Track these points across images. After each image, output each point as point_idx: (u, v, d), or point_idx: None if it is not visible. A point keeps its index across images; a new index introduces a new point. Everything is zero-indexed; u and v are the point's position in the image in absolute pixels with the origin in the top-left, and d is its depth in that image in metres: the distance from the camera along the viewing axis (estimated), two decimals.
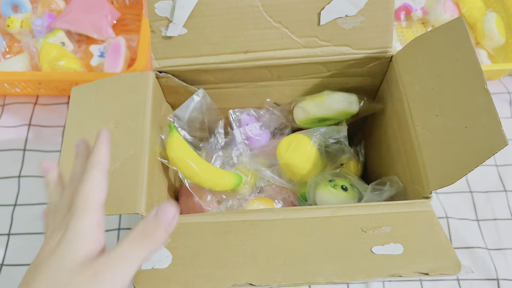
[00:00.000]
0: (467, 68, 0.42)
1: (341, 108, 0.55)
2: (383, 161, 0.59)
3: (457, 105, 0.42)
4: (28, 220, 0.72)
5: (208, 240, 0.41)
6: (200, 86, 0.57)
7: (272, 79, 0.56)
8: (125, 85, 0.51)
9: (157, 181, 0.50)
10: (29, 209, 0.73)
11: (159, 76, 0.53)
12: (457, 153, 0.41)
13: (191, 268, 0.38)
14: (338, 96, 0.55)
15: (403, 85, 0.50)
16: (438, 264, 0.37)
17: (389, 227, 0.41)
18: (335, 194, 0.51)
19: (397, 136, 0.52)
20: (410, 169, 0.48)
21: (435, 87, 0.45)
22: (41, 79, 0.76)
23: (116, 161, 0.47)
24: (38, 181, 0.75)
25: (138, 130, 0.48)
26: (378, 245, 0.39)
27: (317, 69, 0.54)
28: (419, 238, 0.39)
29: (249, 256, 0.39)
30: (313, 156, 0.52)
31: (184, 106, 0.56)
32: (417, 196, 0.46)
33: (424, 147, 0.45)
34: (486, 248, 0.69)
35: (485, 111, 0.39)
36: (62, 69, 0.77)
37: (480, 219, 0.72)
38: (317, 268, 0.38)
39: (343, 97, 0.55)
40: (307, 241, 0.40)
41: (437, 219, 0.41)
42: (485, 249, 0.69)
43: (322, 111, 0.55)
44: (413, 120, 0.47)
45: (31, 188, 0.75)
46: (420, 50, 0.48)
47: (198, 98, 0.56)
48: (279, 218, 0.42)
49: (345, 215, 0.42)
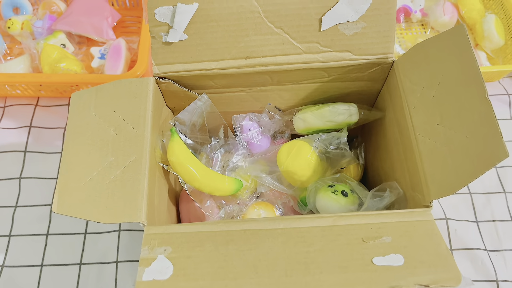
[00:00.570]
0: (468, 77, 0.42)
1: (342, 120, 0.55)
2: (383, 166, 0.59)
3: (458, 115, 0.42)
4: (29, 221, 0.72)
5: (209, 250, 0.41)
6: (201, 91, 0.57)
7: (273, 84, 0.56)
8: (125, 90, 0.51)
9: (157, 186, 0.50)
10: (30, 211, 0.73)
11: (159, 82, 0.53)
12: (458, 163, 0.41)
13: (192, 279, 0.38)
14: (339, 109, 0.55)
15: (404, 92, 0.50)
16: (439, 276, 0.37)
17: (390, 237, 0.41)
18: (335, 200, 0.51)
19: (397, 143, 0.52)
20: (410, 176, 0.48)
21: (436, 95, 0.45)
22: (42, 81, 0.75)
23: (117, 168, 0.47)
24: (38, 182, 0.75)
25: (139, 137, 0.48)
26: (379, 256, 0.39)
27: (317, 74, 0.54)
28: (419, 249, 0.39)
29: (250, 267, 0.39)
30: (313, 163, 0.52)
31: (186, 111, 0.56)
32: (417, 203, 0.46)
33: (425, 155, 0.45)
34: (485, 250, 0.69)
35: (486, 121, 0.39)
36: (63, 71, 0.77)
37: (479, 221, 0.72)
38: (318, 279, 0.38)
39: (344, 109, 0.55)
40: (308, 251, 0.40)
41: (437, 229, 0.41)
42: (485, 250, 0.69)
43: (322, 123, 0.55)
44: (414, 128, 0.47)
45: (31, 189, 0.75)
46: (422, 57, 0.48)
47: (200, 103, 0.56)
48: (280, 228, 0.42)
49: (346, 224, 0.42)
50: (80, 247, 0.69)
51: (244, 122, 0.59)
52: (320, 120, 0.56)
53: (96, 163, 0.47)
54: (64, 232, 0.71)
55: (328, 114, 0.55)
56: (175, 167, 0.52)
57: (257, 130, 0.59)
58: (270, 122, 0.60)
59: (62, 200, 0.45)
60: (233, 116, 0.61)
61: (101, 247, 0.69)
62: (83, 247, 0.69)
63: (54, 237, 0.71)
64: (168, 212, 0.56)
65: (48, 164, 0.77)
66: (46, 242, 0.70)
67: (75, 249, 0.69)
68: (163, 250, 0.41)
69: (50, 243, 0.70)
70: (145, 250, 0.41)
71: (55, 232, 0.71)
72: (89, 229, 0.71)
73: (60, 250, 0.69)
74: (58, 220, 0.72)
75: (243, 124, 0.59)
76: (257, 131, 0.59)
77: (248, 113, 0.60)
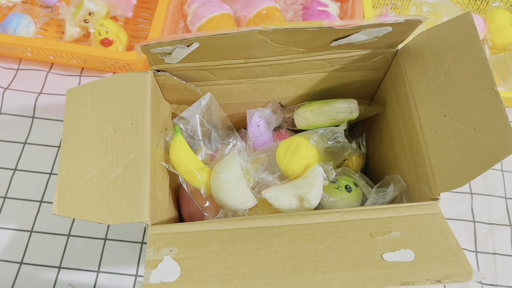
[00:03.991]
0: (476, 67, 0.41)
1: (342, 118, 0.54)
2: (386, 156, 0.58)
3: (466, 106, 0.41)
4: (26, 186, 0.73)
5: (216, 250, 0.40)
6: (200, 83, 0.55)
7: (274, 75, 0.55)
8: (123, 85, 0.49)
9: (159, 183, 0.49)
10: (28, 176, 0.74)
11: (157, 75, 0.52)
12: (466, 155, 0.40)
13: (200, 281, 0.38)
14: (339, 107, 0.54)
15: (409, 82, 0.49)
16: (450, 271, 0.37)
17: (399, 231, 0.40)
18: (339, 196, 0.50)
19: (402, 133, 0.51)
20: (416, 168, 0.48)
21: (442, 85, 0.44)
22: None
23: (117, 167, 0.45)
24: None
25: (138, 133, 0.47)
26: (389, 252, 0.39)
27: (320, 64, 0.53)
28: (429, 243, 0.39)
29: (259, 266, 0.39)
30: (312, 159, 0.51)
31: (190, 110, 0.55)
32: (423, 195, 0.46)
33: (432, 147, 0.44)
34: (479, 282, 0.67)
35: (494, 113, 0.39)
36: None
37: (479, 251, 0.69)
38: (328, 277, 0.37)
39: (344, 107, 0.54)
40: (316, 249, 0.40)
41: (446, 222, 0.41)
42: (479, 283, 0.67)
43: (323, 121, 0.55)
44: (420, 119, 0.47)
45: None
46: (427, 46, 0.47)
47: (205, 102, 0.55)
48: (287, 224, 0.42)
49: (354, 220, 0.42)
50: (70, 219, 0.70)
51: (253, 118, 0.58)
52: (320, 118, 0.55)
53: (96, 162, 0.46)
54: None
55: (329, 113, 0.54)
56: (176, 166, 0.51)
57: (265, 126, 0.58)
58: (273, 116, 0.59)
59: (62, 201, 0.44)
60: (247, 110, 0.60)
61: (90, 223, 0.69)
62: (73, 219, 0.70)
63: (48, 205, 0.71)
64: (170, 208, 0.55)
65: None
66: (39, 209, 0.71)
67: (65, 220, 0.70)
68: (169, 251, 0.40)
69: (42, 210, 0.71)
70: (151, 251, 0.40)
71: (50, 200, 0.72)
72: None
73: (51, 219, 0.70)
74: (53, 189, 0.72)
75: (251, 120, 0.58)
76: (265, 127, 0.58)
77: (258, 108, 0.59)
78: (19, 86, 0.81)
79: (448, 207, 0.72)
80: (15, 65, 0.83)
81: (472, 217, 0.72)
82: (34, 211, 0.70)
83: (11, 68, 0.83)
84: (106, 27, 0.81)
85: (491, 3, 0.89)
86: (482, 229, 0.71)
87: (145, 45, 0.45)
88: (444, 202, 0.42)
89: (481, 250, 0.69)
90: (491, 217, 0.72)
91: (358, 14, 0.77)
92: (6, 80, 0.82)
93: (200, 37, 0.45)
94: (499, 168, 0.76)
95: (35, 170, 0.74)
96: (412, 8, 0.89)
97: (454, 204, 0.73)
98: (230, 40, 0.46)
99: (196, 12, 0.80)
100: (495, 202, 0.73)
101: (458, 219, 0.72)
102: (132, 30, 0.90)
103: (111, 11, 0.86)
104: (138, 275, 0.66)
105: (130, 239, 0.68)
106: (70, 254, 0.67)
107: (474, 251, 0.69)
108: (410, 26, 0.46)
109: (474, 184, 0.74)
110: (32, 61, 0.84)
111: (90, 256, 0.67)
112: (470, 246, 0.69)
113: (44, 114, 0.79)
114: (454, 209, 0.72)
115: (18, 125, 0.78)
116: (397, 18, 0.44)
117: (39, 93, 0.80)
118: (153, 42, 0.45)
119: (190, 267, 0.39)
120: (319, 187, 0.49)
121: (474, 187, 0.74)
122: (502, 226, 0.71)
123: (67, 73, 0.83)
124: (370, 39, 0.48)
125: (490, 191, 0.74)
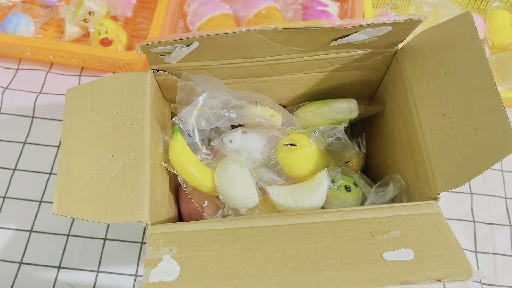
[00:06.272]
0: (476, 66, 0.41)
1: (342, 118, 0.54)
2: (385, 156, 0.58)
3: (466, 105, 0.41)
4: (25, 186, 0.72)
5: (216, 249, 0.40)
6: None
7: (273, 75, 0.55)
8: (122, 85, 0.49)
9: (158, 182, 0.49)
10: (28, 176, 0.73)
11: (157, 74, 0.52)
12: (466, 155, 0.40)
13: (200, 280, 0.38)
14: (338, 108, 0.54)
15: (408, 81, 0.49)
16: (450, 270, 0.37)
17: (398, 231, 0.40)
18: (338, 196, 0.50)
19: (401, 133, 0.51)
20: (415, 167, 0.48)
21: (442, 85, 0.44)
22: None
23: (117, 166, 0.45)
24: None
25: (138, 133, 0.47)
26: (388, 251, 0.39)
27: (320, 64, 0.53)
28: (429, 242, 0.39)
29: (259, 265, 0.39)
30: (312, 156, 0.51)
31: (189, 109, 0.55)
32: (423, 195, 0.46)
33: (432, 147, 0.44)
34: (479, 282, 0.67)
35: (494, 112, 0.39)
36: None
37: (478, 251, 0.69)
38: (328, 276, 0.37)
39: (343, 107, 0.54)
40: (316, 248, 0.40)
41: (446, 222, 0.41)
42: (479, 283, 0.67)
43: (323, 121, 0.55)
44: (419, 118, 0.47)
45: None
46: (426, 46, 0.47)
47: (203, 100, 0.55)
48: (287, 224, 0.42)
49: (353, 219, 0.42)
50: (70, 219, 0.70)
51: None
52: (320, 119, 0.55)
53: (96, 161, 0.46)
54: None
55: (328, 113, 0.54)
56: (175, 165, 0.51)
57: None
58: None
59: (62, 201, 0.44)
60: None
61: (90, 223, 0.69)
62: (73, 219, 0.70)
63: (47, 204, 0.71)
64: (169, 207, 0.55)
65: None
66: (38, 209, 0.70)
67: (65, 220, 0.70)
68: (169, 250, 0.40)
69: (42, 210, 0.71)
70: (150, 250, 0.40)
71: (49, 200, 0.71)
72: None
73: (50, 219, 0.70)
74: (53, 189, 0.72)
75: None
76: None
77: None
78: (19, 85, 0.81)
79: (448, 207, 0.72)
80: (15, 65, 0.83)
81: (472, 217, 0.72)
82: (33, 211, 0.70)
83: (10, 68, 0.83)
84: (106, 26, 0.81)
85: (491, 3, 0.89)
86: (482, 229, 0.71)
87: (145, 44, 0.46)
88: (444, 202, 0.42)
89: (481, 250, 0.69)
90: (491, 217, 0.72)
91: (358, 13, 0.77)
92: (5, 79, 0.82)
93: (199, 37, 0.45)
94: (499, 168, 0.76)
95: (34, 170, 0.74)
96: (412, 8, 0.89)
97: (454, 204, 0.72)
98: (230, 39, 0.46)
99: (196, 12, 0.80)
100: (495, 202, 0.73)
101: (458, 219, 0.71)
102: (132, 30, 0.90)
103: (111, 10, 0.86)
104: (137, 275, 0.66)
105: (130, 239, 0.68)
106: (69, 254, 0.67)
107: (474, 251, 0.69)
108: (410, 26, 0.46)
109: (474, 184, 0.74)
110: (32, 61, 0.84)
111: (90, 256, 0.67)
112: (470, 246, 0.69)
113: (43, 114, 0.78)
114: (454, 209, 0.72)
115: (17, 124, 0.77)
116: (397, 18, 0.44)
117: (39, 93, 0.80)
118: (153, 41, 0.45)
119: (190, 266, 0.39)
120: (323, 193, 0.49)
121: (474, 187, 0.74)
122: (502, 226, 0.71)
123: (67, 73, 0.83)
124: (370, 39, 0.48)
125: (490, 191, 0.74)
